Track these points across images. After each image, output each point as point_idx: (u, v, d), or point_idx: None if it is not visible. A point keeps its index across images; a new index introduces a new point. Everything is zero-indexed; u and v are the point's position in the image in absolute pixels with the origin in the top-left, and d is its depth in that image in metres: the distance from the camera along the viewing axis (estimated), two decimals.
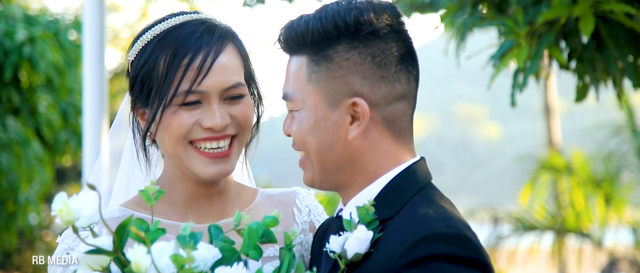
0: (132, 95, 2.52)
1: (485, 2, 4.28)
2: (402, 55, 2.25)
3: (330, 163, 2.26)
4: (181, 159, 2.48)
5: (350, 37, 2.22)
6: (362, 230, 2.16)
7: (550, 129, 16.36)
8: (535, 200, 11.38)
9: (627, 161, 11.07)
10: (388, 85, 2.23)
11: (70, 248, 2.45)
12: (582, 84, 4.26)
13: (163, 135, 2.46)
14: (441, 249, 2.07)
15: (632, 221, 10.93)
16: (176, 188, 2.55)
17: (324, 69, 2.23)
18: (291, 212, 2.68)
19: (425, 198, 2.22)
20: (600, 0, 3.89)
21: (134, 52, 2.51)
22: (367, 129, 2.23)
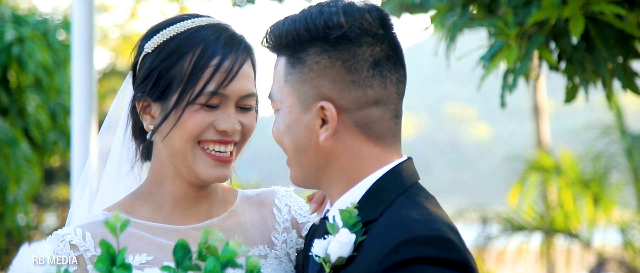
0: (140, 88, 2.50)
1: (475, 3, 4.28)
2: (377, 60, 2.23)
3: (306, 165, 2.27)
4: (186, 158, 2.47)
5: (321, 40, 2.22)
6: (345, 234, 2.15)
7: (539, 129, 16.40)
8: (524, 200, 11.40)
9: (615, 161, 11.10)
10: (358, 90, 2.22)
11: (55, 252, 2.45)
12: (572, 85, 4.26)
13: (175, 131, 2.45)
14: (422, 252, 2.06)
15: (620, 221, 10.95)
16: (164, 189, 2.54)
17: (298, 72, 2.24)
18: (271, 213, 2.68)
19: (409, 199, 2.21)
20: (590, 1, 3.89)
21: (152, 45, 2.49)
22: (338, 133, 2.23)
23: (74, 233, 2.46)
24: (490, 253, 11.21)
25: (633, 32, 4.05)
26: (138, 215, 2.51)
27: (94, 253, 2.44)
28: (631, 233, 10.81)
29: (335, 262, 2.16)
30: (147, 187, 2.55)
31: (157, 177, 2.54)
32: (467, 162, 50.58)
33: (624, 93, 4.42)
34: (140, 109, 2.52)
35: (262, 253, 2.57)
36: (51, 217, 17.67)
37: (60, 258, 2.43)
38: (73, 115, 4.86)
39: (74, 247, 2.45)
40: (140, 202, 2.54)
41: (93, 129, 4.89)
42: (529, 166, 11.59)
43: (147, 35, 2.52)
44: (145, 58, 2.50)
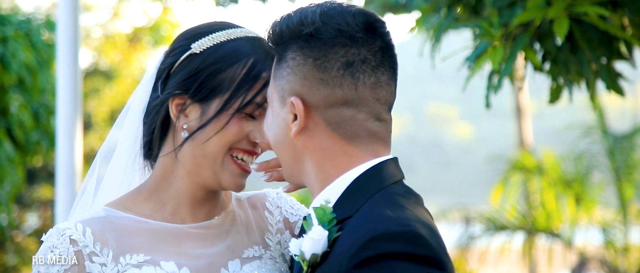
0: (181, 86, 2.48)
1: (460, 4, 4.30)
2: (350, 62, 2.25)
3: (285, 159, 2.31)
4: (215, 163, 2.48)
5: (298, 38, 2.26)
6: (317, 231, 2.17)
7: (521, 129, 16.47)
8: (507, 200, 11.43)
9: (597, 161, 11.15)
10: (327, 89, 2.24)
11: (54, 246, 2.43)
12: (556, 86, 4.28)
13: (214, 135, 2.46)
14: (391, 247, 2.06)
15: (602, 221, 11.00)
16: (171, 188, 2.53)
17: (279, 68, 2.30)
18: (263, 216, 2.69)
19: (385, 197, 2.21)
20: (574, 3, 3.91)
21: (200, 46, 2.48)
22: (310, 129, 2.25)
23: (75, 228, 2.45)
24: (472, 253, 11.24)
25: (617, 33, 4.07)
26: (139, 213, 2.50)
27: (92, 249, 2.42)
28: (612, 233, 10.86)
29: (310, 260, 2.17)
30: (152, 183, 2.54)
31: (167, 174, 2.53)
32: (450, 162, 50.67)
33: (607, 93, 4.46)
34: (174, 106, 2.50)
35: (257, 254, 2.57)
36: (33, 217, 17.61)
37: (59, 253, 2.42)
38: (58, 115, 4.84)
39: (73, 242, 2.43)
40: (142, 198, 2.53)
41: (78, 128, 4.88)
42: (512, 166, 11.63)
43: (194, 36, 2.51)
44: (192, 57, 2.49)
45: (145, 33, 19.61)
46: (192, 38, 2.51)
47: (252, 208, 2.68)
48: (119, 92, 18.40)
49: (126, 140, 2.58)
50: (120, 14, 19.90)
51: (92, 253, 2.43)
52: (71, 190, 4.75)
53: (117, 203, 2.53)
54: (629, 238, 10.84)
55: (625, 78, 4.33)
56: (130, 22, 20.01)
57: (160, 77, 2.53)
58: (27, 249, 17.02)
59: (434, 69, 4.54)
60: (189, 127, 2.48)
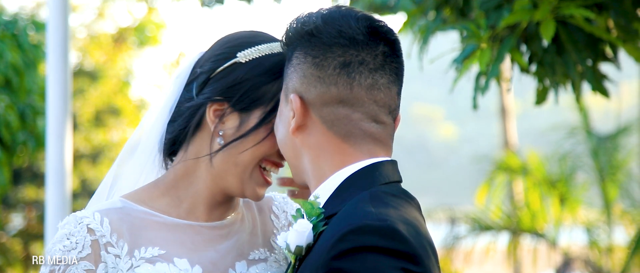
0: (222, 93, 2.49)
1: (448, 6, 4.33)
2: (347, 62, 2.30)
3: (288, 156, 2.37)
4: (244, 172, 2.50)
5: (301, 39, 2.34)
6: (302, 223, 2.22)
7: (506, 129, 16.51)
8: (492, 200, 11.46)
9: (581, 162, 11.18)
10: (323, 86, 2.30)
11: (71, 234, 2.44)
12: (542, 87, 4.32)
13: (251, 145, 2.48)
14: (368, 241, 2.10)
15: (586, 221, 11.03)
16: (191, 187, 2.54)
17: (287, 67, 2.37)
18: (270, 219, 2.71)
19: (372, 194, 2.24)
20: (560, 5, 3.94)
21: (247, 56, 2.50)
22: (308, 127, 2.31)
23: (93, 217, 2.45)
24: (458, 253, 11.26)
25: (602, 36, 4.11)
26: (155, 207, 2.51)
27: (109, 240, 2.43)
28: (596, 233, 10.90)
29: (294, 252, 2.22)
30: (171, 180, 2.54)
31: (188, 173, 2.54)
32: (434, 162, 50.72)
33: (591, 94, 4.49)
34: (212, 111, 2.50)
35: (262, 256, 2.59)
36: (17, 217, 17.54)
37: (75, 241, 2.42)
38: (48, 115, 4.84)
39: (90, 231, 2.43)
40: (159, 193, 2.53)
41: (68, 129, 4.87)
42: (497, 166, 11.65)
43: (240, 44, 2.53)
44: (236, 65, 2.50)
45: (130, 33, 19.56)
46: (237, 47, 2.52)
47: (259, 211, 2.70)
48: (103, 93, 18.35)
49: (150, 137, 2.60)
50: (105, 14, 19.84)
51: (108, 243, 2.43)
52: (61, 190, 4.74)
53: (133, 196, 2.53)
54: (613, 238, 10.88)
55: (611, 80, 4.37)
56: (115, 22, 19.96)
57: (196, 79, 2.54)
58: (11, 250, 16.95)
59: (422, 71, 4.56)
60: (225, 134, 2.49)
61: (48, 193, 4.82)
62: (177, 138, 2.55)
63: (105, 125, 18.36)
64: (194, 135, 2.53)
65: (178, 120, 2.54)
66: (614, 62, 4.36)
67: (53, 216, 4.76)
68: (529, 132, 25.78)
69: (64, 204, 4.74)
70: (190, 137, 2.53)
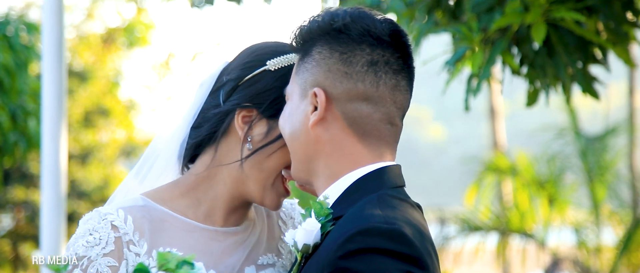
0: (252, 99, 2.54)
1: (440, 9, 4.36)
2: (374, 60, 2.33)
3: (298, 152, 2.37)
4: (268, 179, 2.53)
5: (326, 34, 2.35)
6: (310, 222, 2.25)
7: (495, 130, 16.56)
8: (481, 201, 11.48)
9: (570, 163, 11.21)
10: (350, 82, 2.32)
11: (94, 230, 2.45)
12: (533, 89, 4.36)
13: (278, 152, 2.51)
14: (375, 243, 2.14)
15: (574, 221, 11.05)
16: (211, 191, 2.57)
17: (304, 63, 2.38)
18: (277, 224, 2.74)
19: (379, 197, 2.27)
20: (551, 9, 3.97)
21: (276, 64, 2.54)
22: (327, 121, 2.33)
23: (117, 214, 2.47)
24: (447, 254, 11.27)
25: (592, 38, 4.14)
26: (174, 208, 2.53)
27: (131, 238, 2.44)
28: (585, 233, 10.91)
29: (302, 250, 2.26)
30: (192, 181, 2.57)
31: (211, 176, 2.56)
32: (423, 163, 50.76)
33: (579, 95, 4.54)
34: (241, 118, 2.54)
35: (270, 261, 2.62)
36: (6, 218, 17.51)
37: (99, 237, 2.43)
38: (43, 116, 4.86)
39: (114, 227, 2.44)
40: (179, 193, 2.56)
41: (63, 130, 4.89)
42: (486, 167, 11.67)
43: (268, 53, 2.57)
44: (265, 73, 2.54)
45: (119, 34, 19.55)
46: (266, 55, 2.56)
47: (268, 216, 2.72)
48: (93, 93, 18.33)
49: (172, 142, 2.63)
50: (94, 15, 19.83)
51: (130, 241, 2.45)
52: (56, 191, 4.76)
53: (154, 194, 2.56)
54: (601, 238, 10.90)
55: (600, 82, 4.41)
56: (104, 23, 19.96)
57: (223, 86, 2.58)
58: (0, 250, 16.93)
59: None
60: (253, 140, 2.53)
61: (43, 194, 4.83)
62: (201, 142, 2.59)
63: (94, 125, 18.34)
64: (221, 140, 2.57)
65: (204, 125, 2.58)
66: (604, 64, 4.40)
67: (48, 217, 4.76)
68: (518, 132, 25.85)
69: (59, 205, 4.75)
70: (217, 142, 2.57)
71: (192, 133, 2.60)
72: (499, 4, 4.14)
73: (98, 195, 17.75)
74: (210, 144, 2.58)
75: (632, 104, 13.26)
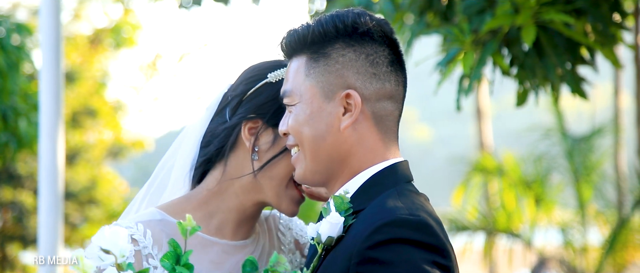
0: (256, 110, 2.62)
1: (431, 10, 4.41)
2: (392, 60, 2.44)
3: (321, 153, 2.41)
4: (280, 185, 2.61)
5: (348, 36, 2.41)
6: (334, 216, 2.32)
7: (481, 131, 16.60)
8: (468, 201, 11.51)
9: (556, 163, 11.24)
10: (379, 82, 2.41)
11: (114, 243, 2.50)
12: (523, 90, 4.41)
13: (285, 158, 2.59)
14: (402, 233, 2.22)
15: (560, 222, 11.06)
16: (223, 203, 2.64)
17: (322, 65, 2.42)
18: (277, 236, 2.82)
19: (398, 191, 2.36)
20: (541, 11, 4.03)
21: (276, 77, 2.63)
22: (357, 121, 2.40)
23: (136, 227, 2.53)
24: None
25: (580, 40, 4.21)
26: None
27: (150, 251, 2.52)
28: (571, 233, 10.93)
29: (325, 242, 2.32)
30: (203, 196, 2.64)
31: (222, 190, 2.64)
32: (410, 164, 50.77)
33: (566, 96, 4.59)
34: (247, 129, 2.63)
35: None
36: None
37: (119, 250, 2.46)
38: (41, 118, 4.87)
39: (134, 241, 2.51)
40: (192, 208, 2.63)
41: (60, 131, 4.92)
42: (473, 167, 11.69)
43: (269, 67, 2.66)
44: (267, 85, 2.63)
45: (106, 35, 19.52)
46: (267, 69, 2.66)
47: (269, 229, 2.81)
48: (80, 94, 18.30)
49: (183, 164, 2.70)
50: (82, 16, 19.79)
51: (149, 254, 2.53)
52: (53, 192, 4.78)
53: (168, 208, 2.63)
54: (587, 238, 10.91)
55: (589, 82, 4.47)
56: (91, 23, 19.93)
57: (229, 104, 2.67)
58: None
59: None
60: (260, 149, 2.61)
61: (40, 195, 4.84)
62: (211, 158, 2.67)
63: (81, 126, 18.30)
64: (230, 154, 2.65)
65: (213, 141, 2.66)
66: (592, 65, 4.46)
67: (45, 218, 4.77)
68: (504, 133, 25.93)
69: (56, 206, 4.77)
70: (227, 156, 2.65)
71: (201, 151, 2.68)
72: (490, 6, 4.19)
73: (85, 196, 17.73)
74: (219, 159, 2.66)
75: (618, 104, 13.33)
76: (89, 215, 17.75)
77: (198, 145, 2.69)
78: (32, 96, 8.83)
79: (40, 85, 4.84)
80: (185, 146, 2.71)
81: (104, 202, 17.92)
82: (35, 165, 16.52)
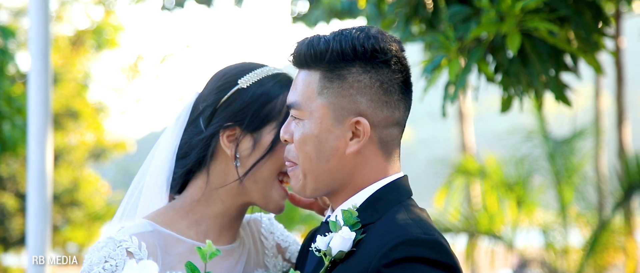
0: (232, 118, 2.65)
1: (417, 18, 4.44)
2: (402, 85, 2.46)
3: (323, 173, 2.44)
4: (267, 186, 2.64)
5: (365, 61, 2.42)
6: (346, 231, 2.35)
7: (463, 133, 16.65)
8: (450, 203, 11.54)
9: (538, 165, 11.27)
10: (389, 110, 2.43)
11: (109, 256, 2.54)
12: (507, 96, 4.45)
13: (268, 161, 2.62)
14: (418, 252, 2.29)
15: (542, 223, 11.08)
16: (209, 210, 2.67)
17: (336, 87, 2.42)
18: (260, 240, 2.86)
19: (405, 207, 2.42)
20: (525, 19, 4.06)
21: (247, 82, 2.66)
22: (363, 146, 2.43)
23: (131, 240, 2.56)
24: None
25: (564, 47, 4.24)
26: (177, 230, 2.63)
27: None
28: (552, 235, 10.96)
29: (335, 256, 2.35)
30: (188, 204, 2.68)
31: (207, 198, 2.67)
32: None
33: (547, 99, 4.64)
34: (226, 137, 2.65)
35: None
36: None
37: (116, 264, 2.52)
38: (29, 122, 4.88)
39: (129, 254, 2.54)
40: (178, 216, 2.66)
41: (49, 134, 4.93)
42: (455, 169, 11.73)
43: (237, 73, 2.69)
44: (239, 92, 2.66)
45: (88, 36, 19.46)
46: (236, 75, 2.69)
47: (252, 233, 2.85)
48: (62, 96, 18.24)
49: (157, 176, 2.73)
50: (63, 17, 19.72)
51: None
52: (42, 196, 4.78)
53: (156, 218, 2.66)
54: (568, 240, 10.96)
55: (572, 89, 4.52)
56: (73, 25, 19.85)
57: (203, 114, 2.69)
58: None
59: None
60: (241, 156, 2.65)
61: (29, 198, 4.86)
62: (191, 169, 2.70)
63: (63, 128, 18.24)
64: (211, 163, 2.68)
65: (191, 153, 2.69)
66: (575, 71, 4.51)
67: (34, 221, 4.78)
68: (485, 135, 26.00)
69: (44, 209, 4.78)
70: (208, 166, 2.68)
71: (178, 163, 2.71)
72: (475, 14, 4.22)
73: (67, 198, 17.69)
74: (200, 169, 2.69)
75: (599, 106, 13.41)
76: (71, 217, 17.71)
77: (173, 157, 2.70)
78: (16, 99, 8.82)
79: (29, 90, 4.85)
80: (159, 159, 2.73)
81: (86, 203, 17.88)
82: (18, 167, 16.47)
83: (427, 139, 50.00)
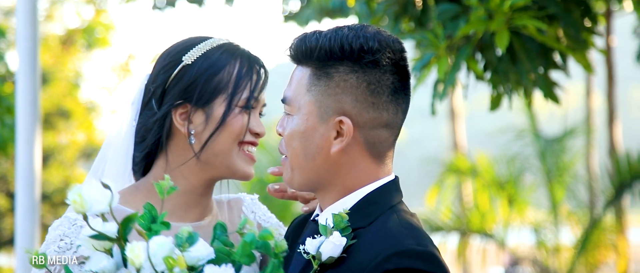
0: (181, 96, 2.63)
1: (406, 16, 4.44)
2: (395, 88, 2.40)
3: (309, 170, 2.42)
4: (228, 157, 2.63)
5: (353, 61, 2.38)
6: (337, 236, 2.33)
7: (454, 131, 16.67)
8: (442, 201, 11.54)
9: (529, 164, 11.30)
10: (376, 112, 2.39)
11: (64, 235, 2.53)
12: (497, 94, 4.46)
13: (223, 133, 2.61)
14: (410, 264, 2.26)
15: (533, 222, 11.11)
16: None
17: (323, 85, 2.40)
18: (238, 218, 2.82)
19: (397, 214, 2.39)
20: (514, 16, 4.07)
21: (191, 57, 2.64)
22: (348, 146, 2.39)
23: None
24: None
25: (553, 45, 4.25)
26: (137, 207, 2.59)
27: None
28: (544, 233, 10.98)
29: (325, 261, 2.33)
30: (151, 184, 2.66)
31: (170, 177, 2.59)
32: None
33: (537, 98, 4.64)
34: (178, 115, 2.64)
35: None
36: None
37: (70, 241, 2.51)
38: (17, 121, 4.87)
39: None
40: (142, 196, 2.65)
41: (38, 134, 4.92)
42: (446, 168, 11.74)
43: (181, 50, 2.67)
44: (185, 68, 2.65)
45: (79, 35, 19.44)
46: (180, 52, 2.67)
47: (230, 211, 2.82)
48: (53, 95, 18.22)
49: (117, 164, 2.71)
50: (54, 16, 19.69)
51: None
52: (30, 195, 4.78)
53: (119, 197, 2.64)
54: (560, 238, 10.98)
55: (561, 87, 4.53)
56: (63, 24, 19.83)
57: (154, 95, 2.68)
58: None
59: None
60: (196, 132, 2.64)
61: (18, 198, 4.85)
62: (150, 151, 2.69)
63: (54, 127, 18.23)
64: (168, 143, 2.67)
65: (148, 136, 2.68)
66: (564, 69, 4.51)
67: (22, 220, 4.78)
68: (476, 133, 26.04)
69: (33, 209, 4.78)
70: (165, 146, 2.67)
71: (138, 147, 2.70)
72: (464, 12, 4.23)
73: (58, 197, 17.67)
74: (159, 150, 2.68)
75: (590, 105, 13.44)
76: None
77: (131, 142, 2.70)
78: (5, 98, 8.82)
79: (17, 89, 4.85)
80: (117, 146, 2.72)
81: None
82: (7, 167, 16.44)
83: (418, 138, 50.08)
